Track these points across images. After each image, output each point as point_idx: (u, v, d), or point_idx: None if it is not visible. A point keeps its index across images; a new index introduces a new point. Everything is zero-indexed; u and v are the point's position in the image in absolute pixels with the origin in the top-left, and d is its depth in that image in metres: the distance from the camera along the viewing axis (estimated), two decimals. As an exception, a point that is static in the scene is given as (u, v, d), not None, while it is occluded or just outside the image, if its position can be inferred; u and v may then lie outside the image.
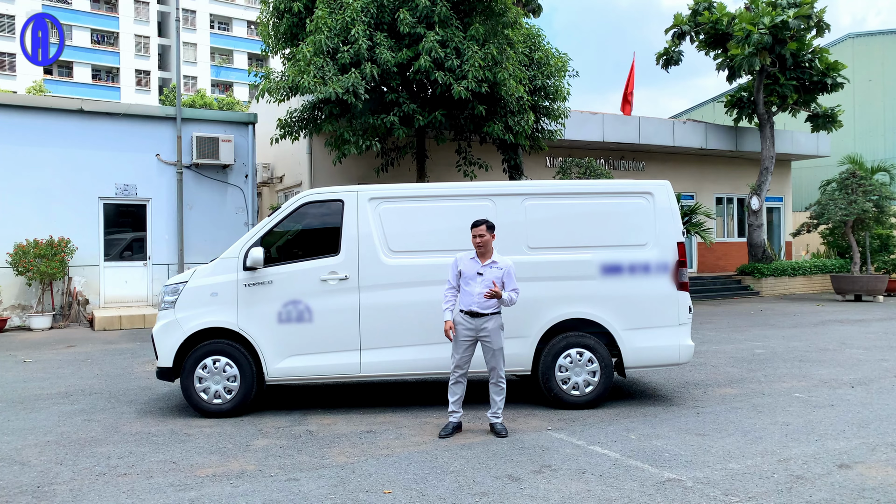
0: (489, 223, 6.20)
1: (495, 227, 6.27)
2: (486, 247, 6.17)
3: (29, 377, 9.18)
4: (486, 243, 6.15)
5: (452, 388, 6.24)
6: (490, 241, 6.17)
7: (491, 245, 6.20)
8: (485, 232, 6.14)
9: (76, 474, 5.22)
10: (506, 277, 6.13)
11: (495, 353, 6.14)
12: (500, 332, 6.16)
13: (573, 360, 6.98)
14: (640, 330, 7.05)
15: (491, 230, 6.18)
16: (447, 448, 5.73)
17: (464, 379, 6.24)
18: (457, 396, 6.23)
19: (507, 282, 6.14)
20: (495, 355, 6.14)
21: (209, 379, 6.84)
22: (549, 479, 4.94)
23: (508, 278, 6.14)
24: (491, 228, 6.19)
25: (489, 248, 6.19)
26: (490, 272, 6.12)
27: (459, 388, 6.23)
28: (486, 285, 6.05)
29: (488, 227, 6.17)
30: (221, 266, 6.99)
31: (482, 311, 6.09)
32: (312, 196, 7.11)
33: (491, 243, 6.19)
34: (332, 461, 5.45)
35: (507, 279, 6.14)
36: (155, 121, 16.52)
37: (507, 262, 6.19)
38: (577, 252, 7.08)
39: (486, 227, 6.16)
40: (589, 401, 6.99)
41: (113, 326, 14.43)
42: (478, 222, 6.19)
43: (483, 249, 6.17)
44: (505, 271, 6.13)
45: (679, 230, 7.20)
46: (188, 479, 5.07)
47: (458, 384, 6.22)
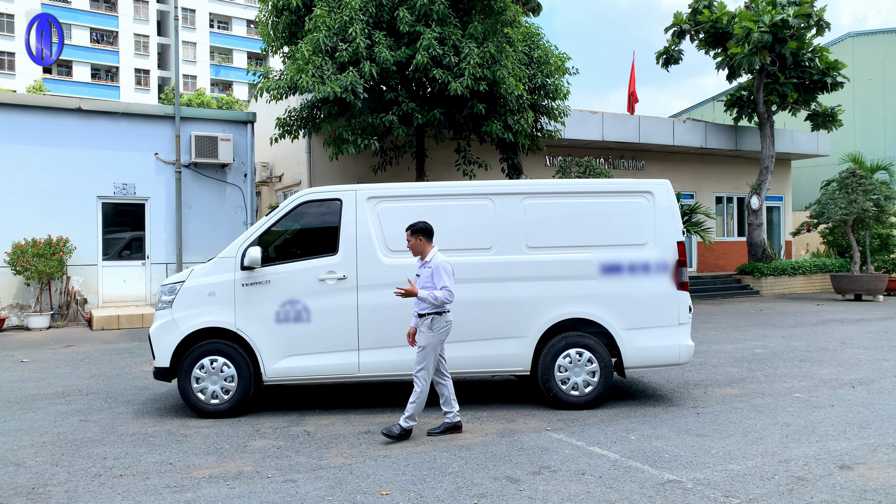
0: (414, 227, 6.15)
1: (426, 231, 6.15)
2: (414, 250, 6.20)
3: (26, 377, 9.14)
4: (412, 247, 6.20)
5: (435, 390, 6.26)
6: (417, 245, 6.15)
7: (421, 247, 6.15)
8: (409, 237, 6.17)
9: (71, 475, 5.18)
10: (434, 275, 6.03)
11: (418, 350, 6.10)
12: (429, 332, 6.02)
13: (572, 360, 6.94)
14: (640, 330, 7.01)
15: (417, 234, 6.12)
16: (446, 449, 5.69)
17: (442, 378, 6.24)
18: (443, 398, 6.24)
19: (436, 279, 5.99)
20: (417, 353, 6.10)
21: (206, 379, 6.80)
22: (549, 480, 4.90)
23: (437, 275, 6.00)
24: (417, 233, 6.12)
25: (418, 250, 6.17)
26: (424, 272, 6.11)
27: (440, 388, 6.25)
28: (421, 286, 6.05)
29: (413, 233, 6.14)
30: (219, 265, 6.95)
31: (419, 312, 6.10)
32: (310, 195, 7.07)
33: (420, 246, 6.15)
34: (329, 462, 5.41)
35: (434, 276, 6.02)
36: (153, 120, 16.48)
37: (438, 260, 6.04)
38: (577, 251, 7.04)
39: (409, 232, 6.16)
40: (588, 401, 6.95)
41: (111, 326, 14.39)
42: (408, 228, 6.20)
43: (414, 252, 6.22)
44: (433, 269, 6.05)
45: (679, 229, 7.16)
46: (184, 481, 5.03)
47: (437, 385, 6.25)
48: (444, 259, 6.10)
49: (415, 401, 6.01)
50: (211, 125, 17.05)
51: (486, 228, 7.03)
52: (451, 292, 6.00)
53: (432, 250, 6.18)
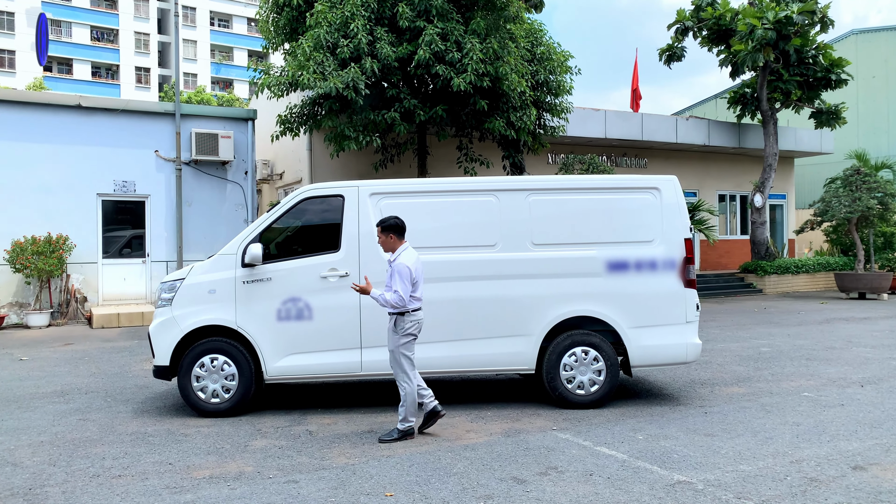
0: (384, 224, 6.00)
1: (397, 228, 5.98)
2: (385, 247, 6.07)
3: (24, 375, 9.04)
4: (382, 244, 6.08)
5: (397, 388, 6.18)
6: (388, 242, 6.00)
7: (391, 244, 6.00)
8: (379, 233, 6.05)
9: (69, 476, 5.08)
10: (390, 276, 5.90)
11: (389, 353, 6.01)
12: (394, 334, 5.92)
13: (578, 358, 6.84)
14: (647, 328, 6.90)
15: (387, 231, 5.98)
16: (450, 449, 5.59)
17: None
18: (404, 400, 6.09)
19: (391, 280, 5.87)
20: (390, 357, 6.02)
21: (207, 378, 6.71)
22: (556, 481, 4.80)
23: (391, 277, 5.87)
24: (387, 230, 5.98)
25: (388, 247, 6.04)
26: (389, 269, 6.00)
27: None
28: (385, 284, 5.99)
29: (382, 229, 6.00)
30: (219, 263, 6.85)
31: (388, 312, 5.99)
32: (312, 191, 6.97)
33: (390, 243, 6.00)
34: (332, 462, 5.31)
35: (390, 277, 5.89)
36: (153, 117, 16.37)
37: (399, 261, 5.88)
38: (583, 248, 6.94)
39: (379, 228, 6.04)
40: (594, 400, 6.85)
41: (111, 324, 14.30)
42: (377, 223, 6.10)
43: (385, 249, 6.10)
44: (391, 269, 5.91)
45: (686, 226, 7.05)
46: (184, 482, 4.93)
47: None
48: (405, 260, 5.88)
49: (403, 404, 5.93)
50: (211, 122, 16.94)
51: (490, 225, 6.92)
52: (402, 297, 5.77)
53: (400, 248, 6.03)
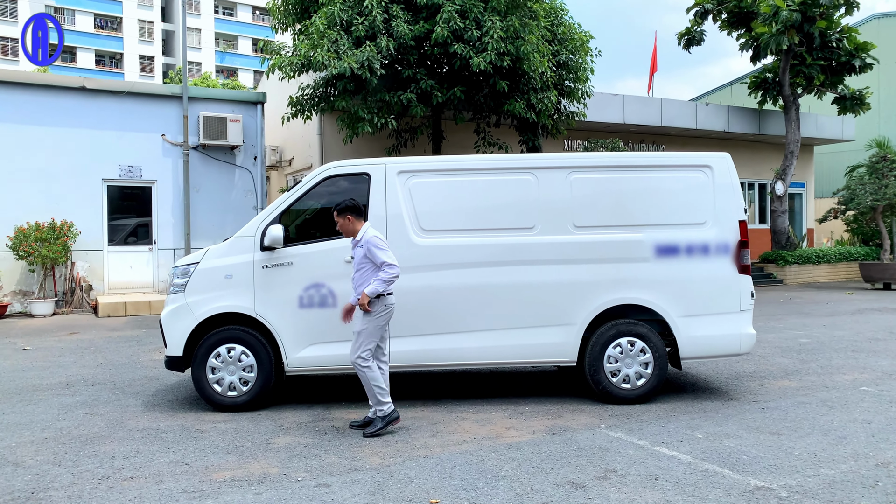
0: (339, 207, 5.62)
1: (353, 209, 5.60)
2: (344, 231, 5.68)
3: (28, 366, 8.57)
4: (341, 228, 5.67)
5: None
6: (346, 225, 5.62)
7: (351, 227, 5.63)
8: (336, 218, 5.66)
9: (76, 477, 4.60)
10: (368, 254, 5.50)
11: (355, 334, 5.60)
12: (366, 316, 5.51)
13: (624, 350, 6.33)
14: (698, 317, 6.39)
15: (343, 214, 5.59)
16: (492, 448, 5.10)
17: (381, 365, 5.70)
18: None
19: (373, 257, 5.48)
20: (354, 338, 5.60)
21: (223, 369, 6.22)
22: (618, 486, 4.30)
23: (372, 254, 5.48)
24: (344, 212, 5.59)
25: (348, 230, 5.65)
26: (357, 252, 5.61)
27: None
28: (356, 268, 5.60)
29: (339, 213, 5.61)
30: (236, 246, 6.35)
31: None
32: (335, 169, 6.46)
33: (349, 226, 5.62)
34: (364, 463, 4.82)
35: (370, 255, 5.49)
36: (160, 99, 15.85)
37: (368, 236, 5.52)
38: (629, 231, 6.42)
39: (335, 213, 5.65)
40: (640, 395, 6.35)
41: (117, 313, 13.84)
42: (332, 208, 5.73)
43: (345, 233, 5.72)
44: (365, 247, 5.51)
45: (740, 207, 6.52)
46: (203, 485, 4.44)
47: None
48: (374, 233, 5.58)
49: (370, 389, 5.51)
50: (219, 105, 16.42)
51: (528, 206, 6.41)
52: (395, 264, 5.45)
53: (363, 227, 5.63)
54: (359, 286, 5.58)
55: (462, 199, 6.41)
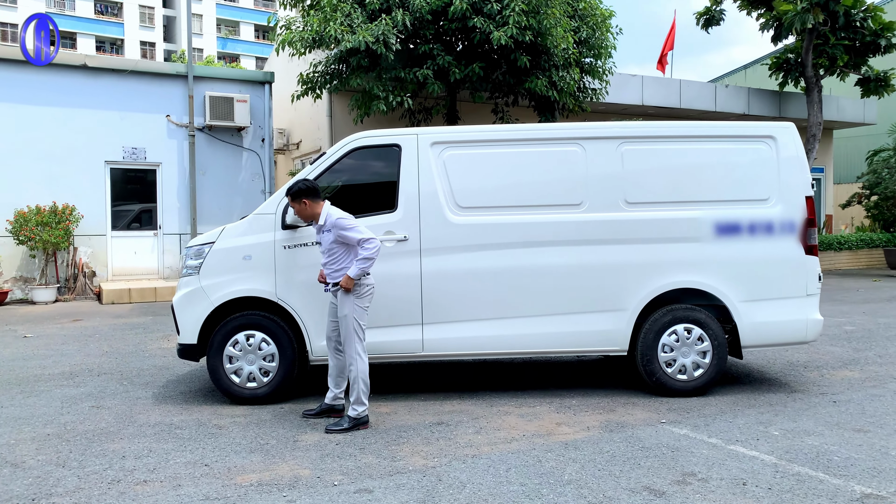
0: (290, 191, 5.16)
1: (308, 191, 5.13)
2: (303, 216, 5.22)
3: (29, 354, 8.05)
4: (299, 214, 5.21)
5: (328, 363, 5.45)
6: (304, 210, 5.15)
7: (310, 211, 5.15)
8: (291, 204, 5.22)
9: (82, 481, 4.07)
10: (340, 236, 5.04)
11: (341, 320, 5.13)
12: (349, 298, 5.06)
13: (680, 337, 5.78)
14: (761, 302, 5.84)
15: (298, 198, 5.12)
16: (547, 448, 4.56)
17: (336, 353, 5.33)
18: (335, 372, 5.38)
19: (346, 237, 5.02)
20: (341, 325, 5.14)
21: (242, 358, 5.68)
22: (703, 493, 3.76)
23: (344, 235, 5.02)
24: (298, 196, 5.11)
25: (308, 215, 5.19)
26: (324, 237, 5.15)
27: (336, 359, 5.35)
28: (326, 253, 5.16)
29: (293, 197, 5.14)
30: (255, 224, 5.79)
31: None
32: (363, 140, 5.89)
33: (307, 210, 5.14)
34: (406, 464, 4.28)
35: (343, 237, 5.03)
36: (164, 79, 15.24)
37: (334, 216, 5.07)
38: (686, 208, 5.85)
39: (290, 198, 5.18)
40: (697, 387, 5.81)
41: (122, 300, 13.30)
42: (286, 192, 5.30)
43: (305, 218, 5.26)
44: (333, 229, 5.06)
45: (807, 182, 5.95)
46: (227, 489, 3.91)
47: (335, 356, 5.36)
48: (337, 213, 5.12)
49: (355, 383, 5.05)
50: (226, 85, 15.82)
51: (575, 180, 5.84)
52: (372, 237, 5.01)
53: (323, 208, 5.15)
54: (335, 272, 5.11)
55: (502, 173, 5.85)
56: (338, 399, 5.34)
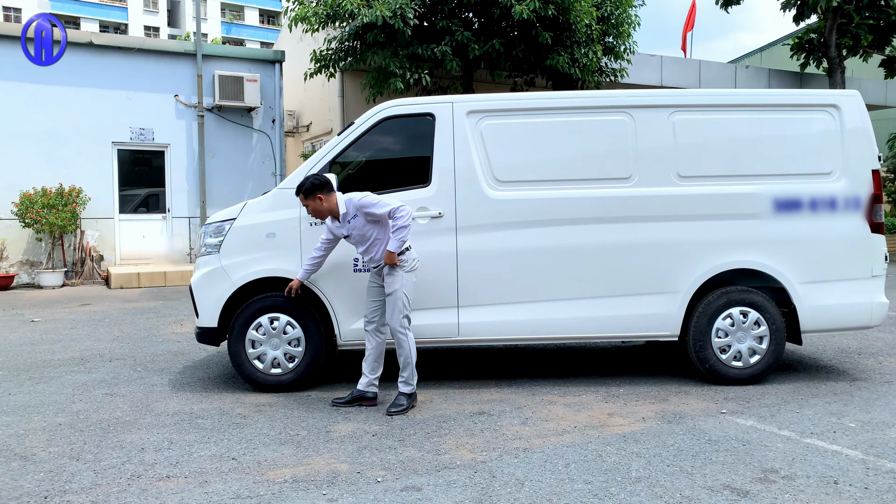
0: (303, 189, 4.79)
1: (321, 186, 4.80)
2: (319, 214, 4.87)
3: (37, 339, 7.68)
4: (314, 212, 4.85)
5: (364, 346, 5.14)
6: (320, 207, 4.80)
7: (327, 206, 4.82)
8: (303, 202, 4.85)
9: (99, 476, 3.70)
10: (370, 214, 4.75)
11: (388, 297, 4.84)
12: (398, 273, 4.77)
13: (735, 321, 5.38)
14: (823, 283, 5.42)
15: (311, 195, 4.78)
16: (604, 440, 4.17)
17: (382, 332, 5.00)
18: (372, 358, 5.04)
19: (376, 212, 4.72)
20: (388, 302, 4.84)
21: (265, 343, 5.30)
22: (791, 493, 3.37)
23: (372, 211, 4.73)
24: (310, 193, 4.77)
25: (324, 212, 4.84)
26: (354, 225, 4.82)
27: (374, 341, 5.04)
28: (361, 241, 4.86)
29: (305, 195, 4.79)
30: (279, 199, 5.39)
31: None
32: (393, 109, 5.47)
33: (323, 206, 4.81)
34: (453, 458, 3.90)
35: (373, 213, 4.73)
36: (173, 57, 14.80)
37: (356, 200, 4.77)
38: (743, 183, 5.43)
39: (301, 196, 4.82)
40: (753, 375, 5.41)
41: (131, 284, 12.94)
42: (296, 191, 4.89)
43: (321, 216, 4.90)
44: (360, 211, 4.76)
45: (874, 154, 5.52)
46: (259, 487, 3.53)
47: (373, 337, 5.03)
48: (357, 194, 4.81)
49: (406, 360, 4.79)
50: (235, 64, 15.38)
51: (623, 152, 5.42)
52: (401, 205, 4.70)
53: (340, 199, 4.83)
54: (378, 256, 4.82)
55: (544, 144, 5.43)
56: (371, 386, 4.96)
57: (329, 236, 5.01)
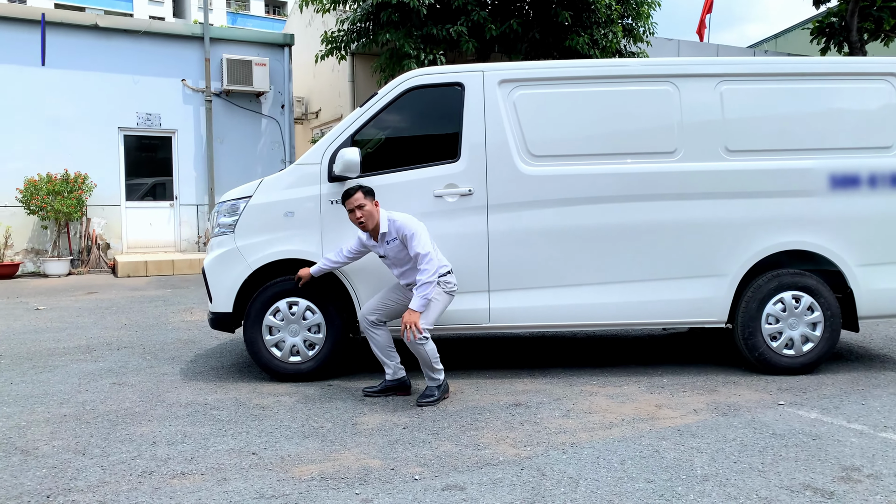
0: (364, 187, 4.47)
1: (372, 192, 4.50)
2: (370, 222, 4.44)
3: (41, 327, 7.36)
4: (366, 219, 4.42)
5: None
6: (371, 213, 4.42)
7: (376, 213, 4.46)
8: (363, 200, 4.40)
9: (107, 472, 3.36)
10: (408, 245, 4.39)
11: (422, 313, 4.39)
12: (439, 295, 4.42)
13: (787, 307, 5.00)
14: (882, 266, 5.05)
15: (370, 196, 4.43)
16: (658, 434, 3.81)
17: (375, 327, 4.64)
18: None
19: (410, 243, 4.37)
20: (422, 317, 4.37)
21: (284, 329, 4.96)
22: (885, 494, 3.01)
23: (409, 240, 4.37)
24: (370, 194, 4.43)
25: (374, 217, 4.44)
26: (392, 248, 4.48)
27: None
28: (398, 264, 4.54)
29: (365, 194, 4.42)
30: (298, 175, 5.04)
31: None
32: (419, 78, 5.09)
33: (373, 214, 4.44)
34: (495, 453, 3.55)
35: (408, 243, 4.39)
36: (180, 41, 14.44)
37: (396, 223, 4.43)
38: (796, 157, 5.04)
39: (362, 193, 4.42)
40: (806, 363, 5.04)
41: (138, 273, 12.63)
42: (350, 190, 4.45)
43: (366, 225, 4.45)
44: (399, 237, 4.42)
45: (938, 127, 5.12)
46: (284, 486, 3.19)
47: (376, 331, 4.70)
48: (395, 214, 4.49)
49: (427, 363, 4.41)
50: (244, 48, 15.01)
51: (667, 125, 5.04)
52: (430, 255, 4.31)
53: (383, 215, 4.50)
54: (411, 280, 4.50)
55: (582, 116, 5.06)
56: (399, 371, 4.61)
57: (358, 248, 4.67)
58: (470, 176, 4.98)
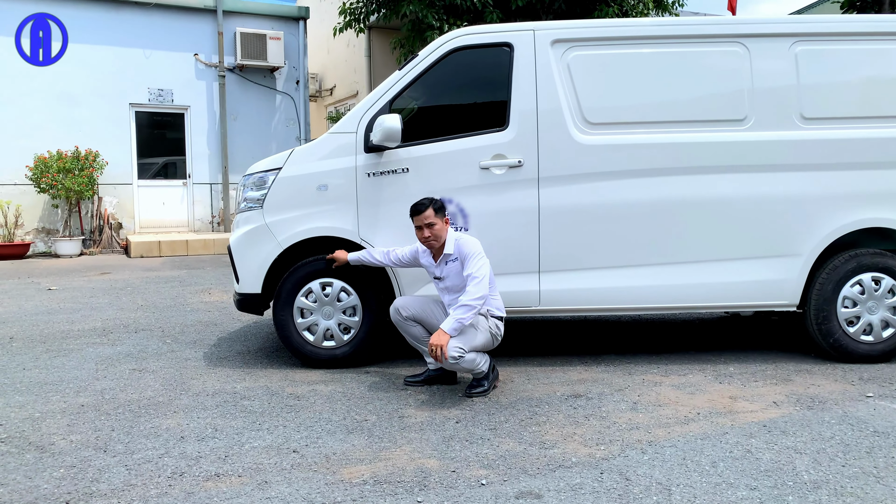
0: (437, 202, 4.07)
1: (444, 207, 4.15)
2: (439, 240, 4.06)
3: (54, 308, 7.01)
4: (437, 235, 4.04)
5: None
6: (441, 230, 4.05)
7: (444, 233, 4.08)
8: (434, 219, 4.01)
9: (133, 474, 2.99)
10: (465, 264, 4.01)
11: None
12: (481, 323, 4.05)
13: (866, 290, 4.58)
14: (972, 245, 4.60)
15: (441, 212, 4.06)
16: (744, 432, 3.41)
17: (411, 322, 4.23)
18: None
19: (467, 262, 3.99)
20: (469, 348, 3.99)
21: (317, 311, 4.57)
22: None
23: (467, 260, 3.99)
24: (441, 210, 4.06)
25: (442, 238, 4.07)
26: (451, 269, 4.09)
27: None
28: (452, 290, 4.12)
29: (437, 210, 4.04)
30: (330, 146, 4.62)
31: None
32: (464, 38, 4.65)
33: (443, 231, 4.07)
34: (565, 452, 3.16)
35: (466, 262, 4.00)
36: (192, 13, 13.98)
37: (459, 243, 4.05)
38: (879, 125, 4.59)
39: (433, 210, 4.02)
40: (886, 351, 4.63)
41: (151, 253, 12.28)
42: (420, 205, 4.03)
43: (436, 244, 4.07)
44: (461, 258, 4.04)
45: None
46: (333, 491, 2.80)
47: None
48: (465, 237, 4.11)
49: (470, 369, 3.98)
50: (258, 21, 14.54)
51: (737, 89, 4.58)
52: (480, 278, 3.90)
53: (450, 235, 4.13)
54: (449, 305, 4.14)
55: (643, 80, 4.61)
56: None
57: (410, 261, 4.28)
58: (519, 146, 4.55)
